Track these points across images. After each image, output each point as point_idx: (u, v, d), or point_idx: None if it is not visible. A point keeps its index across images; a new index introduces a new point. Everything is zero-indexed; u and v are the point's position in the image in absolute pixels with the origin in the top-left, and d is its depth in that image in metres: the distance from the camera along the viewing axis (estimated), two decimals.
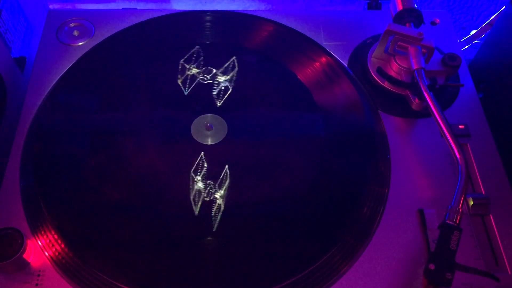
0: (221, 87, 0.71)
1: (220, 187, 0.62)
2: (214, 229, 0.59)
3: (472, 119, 0.70)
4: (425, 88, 0.64)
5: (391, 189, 0.63)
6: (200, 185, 0.62)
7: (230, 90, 0.71)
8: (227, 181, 0.62)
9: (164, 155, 0.65)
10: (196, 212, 0.60)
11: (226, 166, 0.64)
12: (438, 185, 0.64)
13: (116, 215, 0.59)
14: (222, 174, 0.63)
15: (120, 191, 0.61)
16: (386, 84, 0.71)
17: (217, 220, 0.59)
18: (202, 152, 0.65)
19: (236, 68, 0.73)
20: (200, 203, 0.61)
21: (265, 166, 0.64)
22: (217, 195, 0.61)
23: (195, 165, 0.64)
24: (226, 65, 0.74)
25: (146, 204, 0.60)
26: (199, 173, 0.63)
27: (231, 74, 0.73)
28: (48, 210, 0.58)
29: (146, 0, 0.97)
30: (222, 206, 0.60)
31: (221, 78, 0.72)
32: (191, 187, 0.62)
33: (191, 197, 0.61)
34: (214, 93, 0.71)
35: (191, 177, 0.63)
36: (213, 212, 0.60)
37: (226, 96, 0.70)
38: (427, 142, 0.68)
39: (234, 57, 0.74)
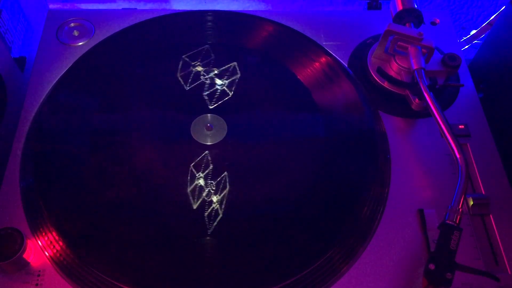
0: (221, 87, 0.71)
1: (219, 187, 0.62)
2: (214, 229, 0.59)
3: (472, 119, 0.70)
4: (425, 88, 0.64)
5: (391, 189, 0.63)
6: (199, 185, 0.62)
7: (230, 90, 0.71)
8: (227, 181, 0.62)
9: (164, 155, 0.65)
10: (196, 212, 0.60)
11: (226, 166, 0.64)
12: (438, 185, 0.64)
13: (116, 215, 0.59)
14: (222, 174, 0.63)
15: (120, 191, 0.61)
16: (386, 84, 0.71)
17: (217, 220, 0.59)
18: (202, 152, 0.65)
19: (236, 68, 0.73)
20: (199, 203, 0.61)
21: (265, 166, 0.64)
22: (217, 195, 0.61)
23: (195, 165, 0.64)
24: (226, 65, 0.74)
25: (146, 204, 0.60)
26: (198, 173, 0.63)
27: (231, 74, 0.73)
28: (48, 210, 0.58)
29: (146, 0, 0.97)
30: (222, 206, 0.60)
31: (221, 78, 0.72)
32: (191, 187, 0.62)
33: (191, 197, 0.61)
34: (214, 93, 0.71)
35: (190, 177, 0.63)
36: (213, 212, 0.60)
37: (225, 96, 0.70)
38: (427, 142, 0.68)
39: (234, 57, 0.74)
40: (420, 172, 0.65)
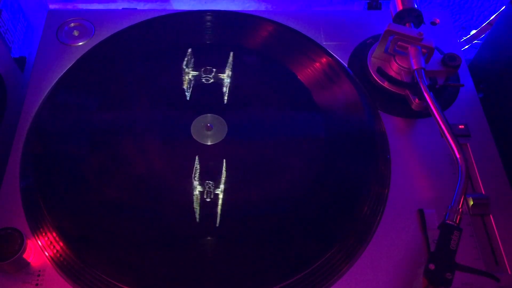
0: (221, 87, 0.71)
1: (219, 187, 0.62)
2: (214, 228, 0.59)
3: (472, 119, 0.70)
4: (425, 88, 0.64)
5: (391, 189, 0.63)
6: (200, 185, 0.62)
7: (230, 90, 0.71)
8: (227, 181, 0.62)
9: (164, 155, 0.65)
10: (196, 212, 0.60)
11: (226, 166, 0.64)
12: (438, 185, 0.64)
13: (116, 215, 0.59)
14: (222, 174, 0.63)
15: (120, 191, 0.61)
16: (386, 84, 0.71)
17: (217, 220, 0.59)
18: (202, 152, 0.65)
19: (236, 68, 0.73)
20: (200, 203, 0.61)
21: (265, 166, 0.64)
22: (217, 195, 0.61)
23: (195, 165, 0.64)
24: (226, 65, 0.74)
25: (146, 204, 0.60)
26: (198, 173, 0.63)
27: (231, 74, 0.73)
28: (48, 210, 0.58)
29: (146, 0, 0.97)
30: (222, 206, 0.60)
31: (221, 78, 0.72)
32: (191, 187, 0.62)
33: (191, 197, 0.61)
34: (214, 93, 0.71)
35: (190, 177, 0.63)
36: (213, 212, 0.60)
37: (226, 96, 0.70)
38: (427, 142, 0.68)
39: (234, 57, 0.74)
40: (420, 172, 0.65)
